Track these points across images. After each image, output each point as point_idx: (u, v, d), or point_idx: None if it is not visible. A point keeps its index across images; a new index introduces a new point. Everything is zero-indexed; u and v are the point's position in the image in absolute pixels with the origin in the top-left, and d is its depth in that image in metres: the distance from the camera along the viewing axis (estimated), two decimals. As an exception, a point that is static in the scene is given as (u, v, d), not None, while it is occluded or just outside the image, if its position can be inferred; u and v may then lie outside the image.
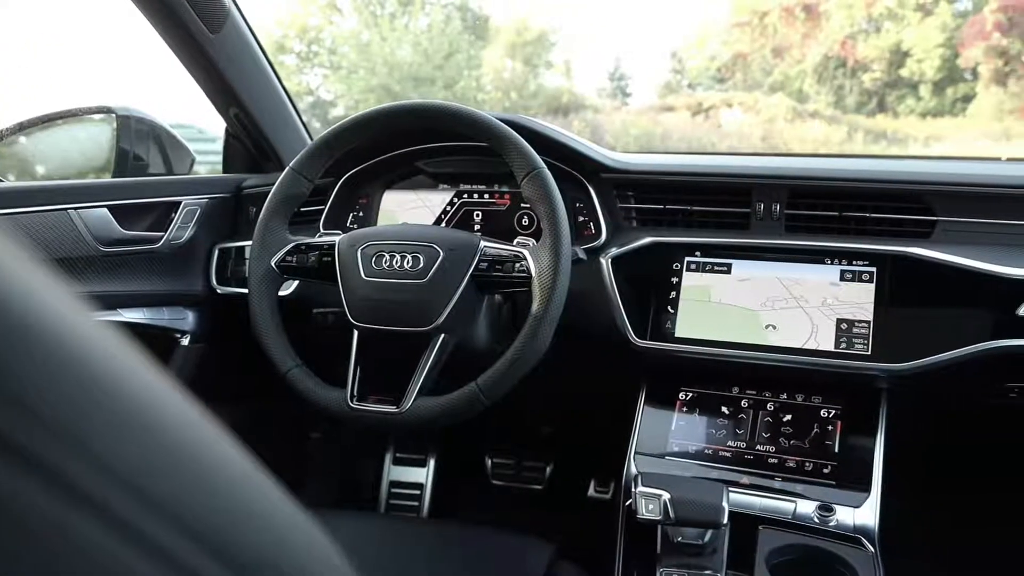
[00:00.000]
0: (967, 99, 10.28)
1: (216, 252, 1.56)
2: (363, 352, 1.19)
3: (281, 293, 1.29)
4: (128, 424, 0.23)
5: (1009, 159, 1.63)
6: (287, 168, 1.26)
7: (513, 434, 2.01)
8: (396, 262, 1.17)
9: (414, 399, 1.13)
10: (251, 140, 1.67)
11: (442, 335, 1.15)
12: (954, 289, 1.18)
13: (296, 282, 1.45)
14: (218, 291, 1.55)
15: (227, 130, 1.71)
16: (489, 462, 2.01)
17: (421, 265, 1.15)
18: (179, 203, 1.51)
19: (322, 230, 1.38)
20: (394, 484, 2.03)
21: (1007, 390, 1.28)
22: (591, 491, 1.89)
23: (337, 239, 1.23)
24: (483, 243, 1.17)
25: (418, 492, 2.01)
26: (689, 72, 12.61)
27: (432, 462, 2.02)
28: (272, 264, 1.23)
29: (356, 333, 1.19)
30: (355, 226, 1.52)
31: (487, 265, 1.16)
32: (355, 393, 1.17)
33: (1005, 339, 1.15)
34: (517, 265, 1.14)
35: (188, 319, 1.54)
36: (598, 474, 1.89)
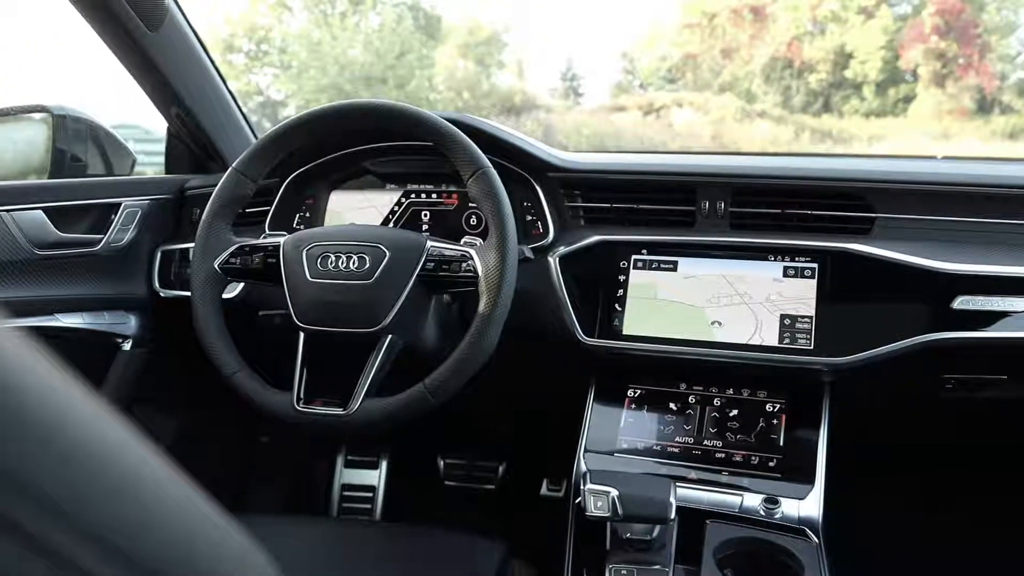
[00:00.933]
0: (908, 99, 10.56)
1: (159, 255, 1.53)
2: (309, 354, 1.18)
3: (226, 295, 1.27)
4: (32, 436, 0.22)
5: (945, 157, 1.67)
6: (230, 168, 1.24)
7: (466, 434, 2.00)
8: (342, 263, 1.15)
9: (361, 401, 1.12)
10: (194, 140, 1.64)
11: (389, 336, 1.14)
12: (892, 284, 1.21)
13: (242, 284, 1.43)
14: (161, 294, 1.52)
15: (169, 130, 1.68)
16: (442, 463, 2.00)
17: (367, 265, 1.14)
18: (119, 205, 1.47)
19: (268, 231, 1.36)
20: (346, 487, 2.01)
21: (944, 381, 1.32)
22: (544, 489, 1.89)
23: (282, 240, 1.22)
24: (430, 243, 1.16)
25: (371, 495, 2.00)
26: (640, 72, 12.73)
27: (384, 464, 2.01)
28: (215, 266, 1.21)
29: (302, 335, 1.18)
30: (301, 227, 1.50)
31: (434, 265, 1.15)
32: (301, 396, 1.15)
33: (941, 332, 1.18)
34: (464, 265, 1.14)
35: (130, 323, 1.51)
36: (551, 472, 1.89)
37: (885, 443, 1.64)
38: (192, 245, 1.26)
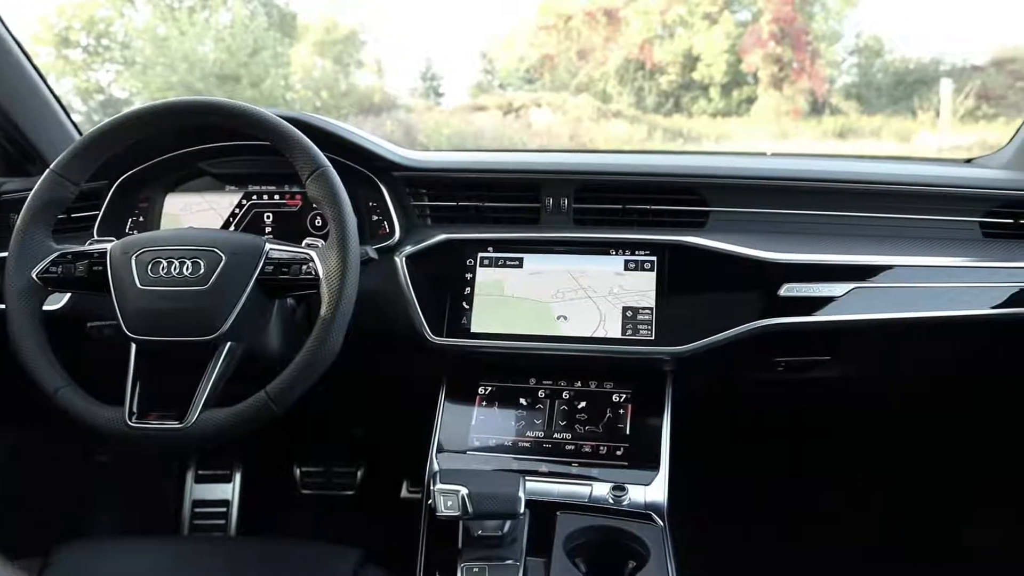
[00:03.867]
0: (751, 101, 11.16)
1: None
2: (142, 366, 1.12)
3: (51, 307, 1.19)
4: None
5: (774, 154, 1.78)
6: (47, 170, 1.16)
7: (322, 440, 1.95)
8: (175, 269, 1.10)
9: (199, 412, 1.07)
10: (8, 140, 1.51)
11: (228, 343, 1.10)
12: (726, 274, 1.28)
13: (68, 295, 1.33)
14: None
15: (-20, 130, 1.54)
16: (298, 471, 1.95)
17: (202, 271, 1.09)
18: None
19: (96, 237, 1.28)
20: (198, 503, 1.92)
21: (776, 364, 1.40)
22: (404, 492, 1.87)
23: (109, 246, 1.14)
24: (268, 246, 1.12)
25: (224, 509, 1.92)
26: (499, 73, 12.83)
27: (238, 477, 1.93)
28: (33, 276, 1.12)
29: (133, 346, 1.11)
30: (134, 232, 1.42)
31: (273, 268, 1.11)
32: (134, 410, 1.09)
33: (770, 318, 1.26)
34: (304, 267, 1.11)
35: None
36: (410, 474, 1.87)
37: (725, 424, 1.72)
38: (6, 254, 1.17)
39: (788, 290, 1.26)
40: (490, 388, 1.31)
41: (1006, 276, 1.32)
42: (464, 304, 1.30)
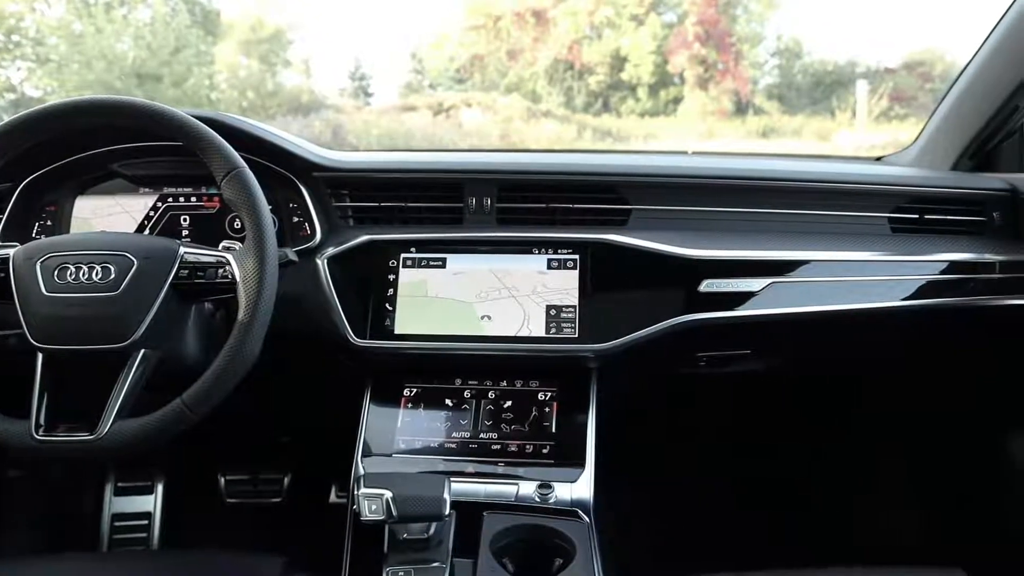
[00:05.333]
0: (677, 101, 11.41)
1: None
2: (49, 377, 1.07)
3: None
4: None
5: (695, 153, 1.81)
6: None
7: (246, 448, 1.91)
8: (83, 274, 1.06)
9: (112, 422, 1.03)
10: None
11: (141, 350, 1.06)
12: (647, 271, 1.29)
13: None
14: None
15: None
16: (223, 480, 1.90)
17: (112, 276, 1.05)
18: None
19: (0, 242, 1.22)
20: (117, 517, 1.86)
21: (698, 359, 1.43)
22: (332, 497, 1.84)
23: (12, 252, 1.09)
24: (183, 249, 1.09)
25: (146, 522, 1.86)
26: (429, 72, 12.79)
27: (160, 488, 1.88)
28: None
29: (40, 356, 1.07)
30: (42, 236, 1.36)
31: (188, 272, 1.08)
32: (41, 423, 1.05)
33: (691, 314, 1.28)
34: (220, 271, 1.08)
35: None
36: (338, 479, 1.85)
37: (651, 421, 1.75)
38: None
39: (708, 286, 1.28)
40: (415, 389, 1.30)
41: (913, 269, 1.37)
42: (387, 305, 1.29)
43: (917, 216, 1.42)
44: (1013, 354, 1.45)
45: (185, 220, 1.39)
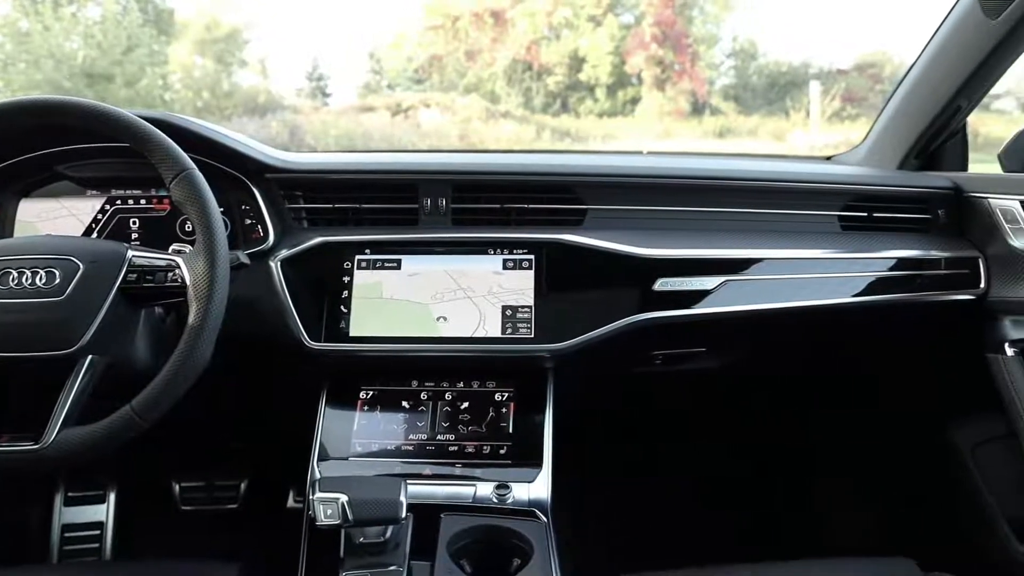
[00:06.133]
0: (635, 101, 11.50)
1: None
2: None
3: None
4: None
5: (650, 152, 1.83)
6: None
7: (201, 454, 1.88)
8: (26, 279, 1.03)
9: (58, 431, 1.00)
10: None
11: (89, 357, 1.03)
12: (603, 270, 1.30)
13: None
14: None
15: None
16: (177, 487, 1.86)
17: (57, 281, 1.03)
18: None
19: None
20: (68, 528, 1.81)
21: (654, 357, 1.44)
22: (290, 502, 1.82)
23: None
24: (131, 253, 1.07)
25: (98, 532, 1.81)
26: (387, 73, 12.71)
27: (113, 497, 1.83)
28: None
29: None
30: None
31: (137, 276, 1.06)
32: None
33: (646, 313, 1.29)
34: (170, 275, 1.06)
35: None
36: (296, 484, 1.83)
37: (608, 421, 1.76)
38: None
39: (662, 285, 1.30)
40: (371, 392, 1.29)
41: (862, 266, 1.39)
42: (342, 308, 1.28)
43: (866, 214, 1.45)
44: (958, 349, 1.49)
45: (135, 223, 1.36)
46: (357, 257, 1.30)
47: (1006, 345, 1.37)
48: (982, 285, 1.41)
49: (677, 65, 11.52)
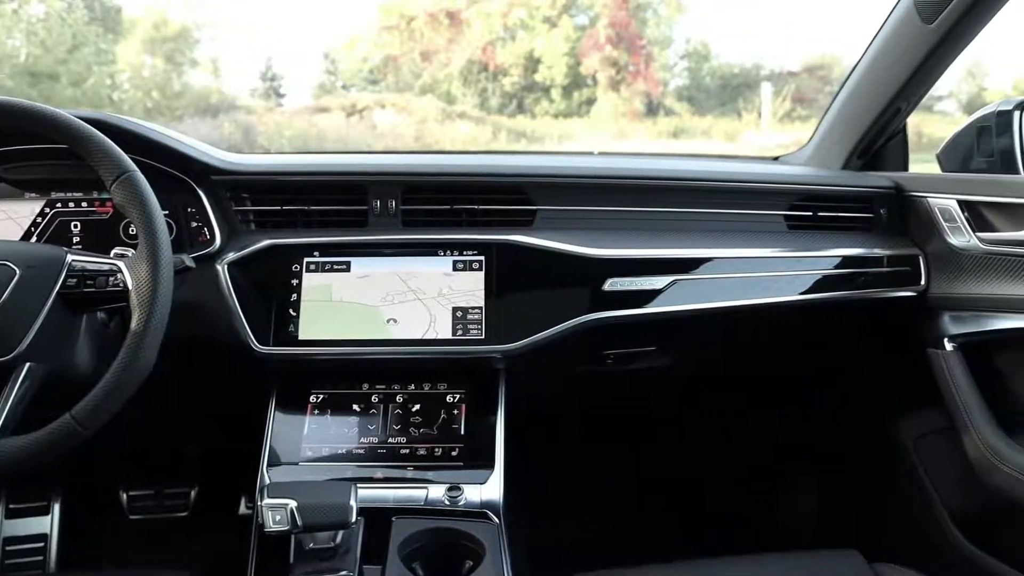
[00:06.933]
0: (590, 102, 11.55)
1: None
2: None
3: None
4: None
5: (601, 153, 1.84)
6: None
7: (150, 461, 1.84)
8: None
9: None
10: None
11: (27, 364, 1.01)
12: (553, 271, 1.31)
13: None
14: None
15: None
16: (125, 496, 1.83)
17: None
18: None
19: None
20: (9, 540, 1.76)
21: (605, 357, 1.45)
22: (243, 508, 1.79)
23: None
24: (71, 257, 1.05)
25: (42, 544, 1.77)
26: (342, 73, 12.60)
27: (57, 508, 1.78)
28: None
29: None
30: None
31: (77, 281, 1.04)
32: None
33: (597, 312, 1.30)
34: (112, 279, 1.04)
35: None
36: (247, 490, 1.80)
37: (561, 421, 1.76)
38: None
39: (612, 284, 1.31)
40: (322, 396, 1.28)
41: (809, 264, 1.42)
42: (291, 311, 1.27)
43: (811, 213, 1.48)
44: (901, 345, 1.53)
45: (76, 227, 1.33)
46: (306, 259, 1.29)
47: (945, 340, 1.41)
48: (923, 282, 1.45)
49: (632, 66, 11.61)
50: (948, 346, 1.40)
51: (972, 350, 1.40)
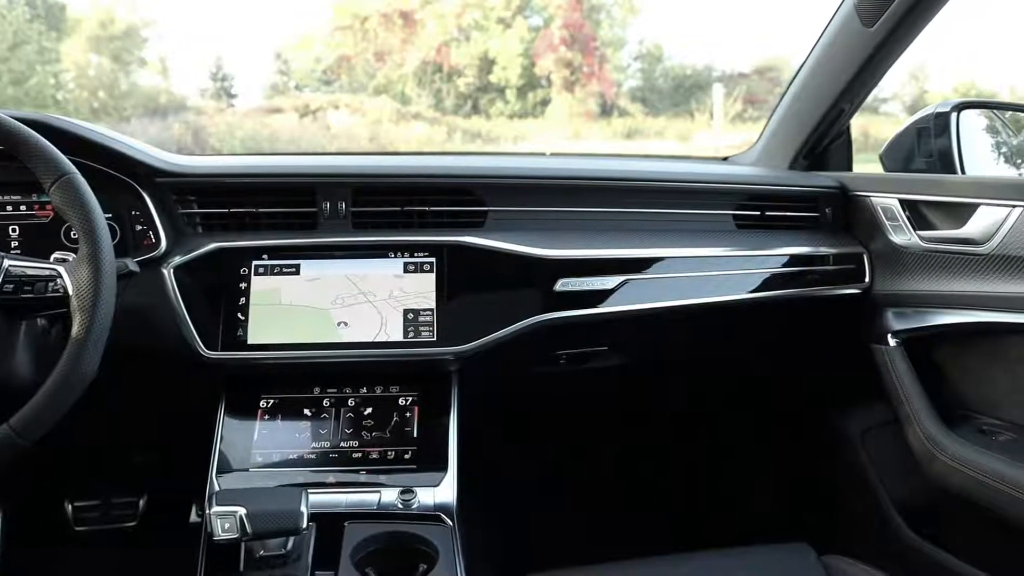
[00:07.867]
0: (545, 103, 11.63)
1: None
2: None
3: None
4: None
5: (552, 153, 1.85)
6: None
7: (96, 471, 1.80)
8: None
9: None
10: None
11: None
12: (504, 272, 1.31)
13: None
14: None
15: None
16: (70, 507, 1.78)
17: None
18: None
19: None
20: (-53, 558, 1.70)
21: (558, 358, 1.46)
22: (193, 517, 1.76)
23: None
24: (8, 262, 1.02)
25: (-19, 561, 1.71)
26: (295, 74, 12.47)
27: None
28: None
29: None
30: None
31: (14, 287, 1.01)
32: None
33: (548, 313, 1.30)
34: (51, 284, 1.01)
35: None
36: (198, 498, 1.77)
37: (512, 420, 1.77)
38: None
39: (563, 285, 1.31)
40: (272, 401, 1.26)
41: (757, 264, 1.44)
42: (239, 315, 1.25)
43: (758, 213, 1.50)
44: (847, 341, 1.56)
45: (14, 230, 1.29)
46: (254, 263, 1.26)
47: (889, 336, 1.44)
48: (867, 279, 1.48)
49: (586, 67, 11.70)
50: (891, 341, 1.44)
51: (914, 345, 1.43)
